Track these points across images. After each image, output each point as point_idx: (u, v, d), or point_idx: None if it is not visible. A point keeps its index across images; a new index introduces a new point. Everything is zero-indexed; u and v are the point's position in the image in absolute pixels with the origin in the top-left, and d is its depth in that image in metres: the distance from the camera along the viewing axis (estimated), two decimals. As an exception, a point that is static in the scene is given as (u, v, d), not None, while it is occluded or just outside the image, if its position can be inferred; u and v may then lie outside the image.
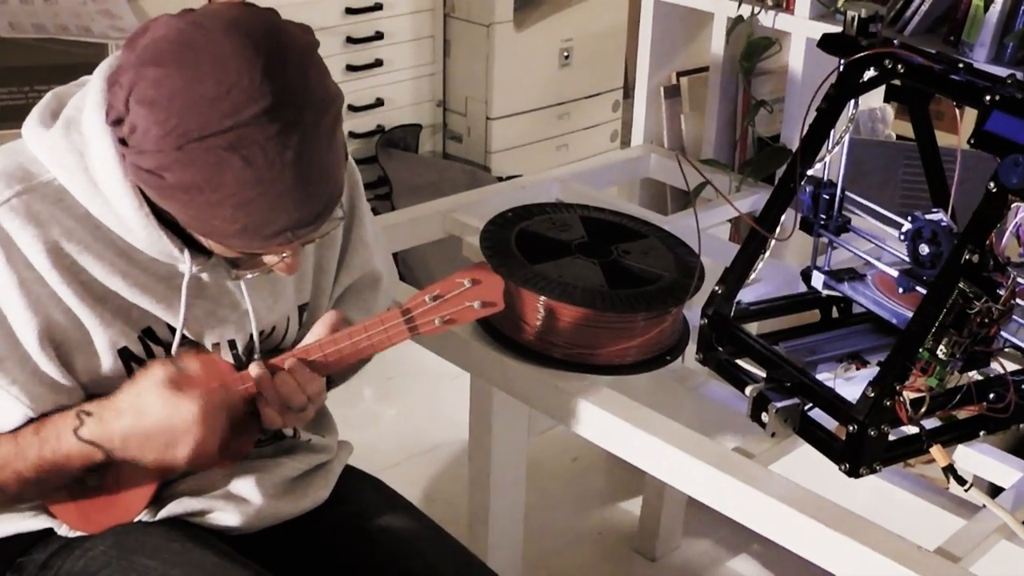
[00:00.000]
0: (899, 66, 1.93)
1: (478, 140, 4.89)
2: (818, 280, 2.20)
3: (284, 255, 1.70)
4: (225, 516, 1.87)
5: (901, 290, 2.04)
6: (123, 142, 1.57)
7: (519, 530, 2.84)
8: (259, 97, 1.51)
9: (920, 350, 1.77)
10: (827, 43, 2.09)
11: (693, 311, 2.17)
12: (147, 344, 1.77)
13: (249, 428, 1.81)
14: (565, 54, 4.96)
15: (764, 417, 1.91)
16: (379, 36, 4.60)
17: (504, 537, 2.80)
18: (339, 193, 1.66)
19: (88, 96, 1.67)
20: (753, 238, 2.08)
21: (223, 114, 1.50)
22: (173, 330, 1.77)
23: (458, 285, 1.76)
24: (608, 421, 2.00)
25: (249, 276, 1.76)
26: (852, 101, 2.05)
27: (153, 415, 1.67)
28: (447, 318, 1.77)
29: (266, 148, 1.52)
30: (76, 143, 1.67)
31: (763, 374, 2.01)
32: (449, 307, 1.76)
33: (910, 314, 1.88)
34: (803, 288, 2.28)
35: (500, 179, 4.71)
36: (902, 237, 2.04)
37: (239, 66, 1.51)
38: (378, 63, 4.62)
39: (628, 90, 5.14)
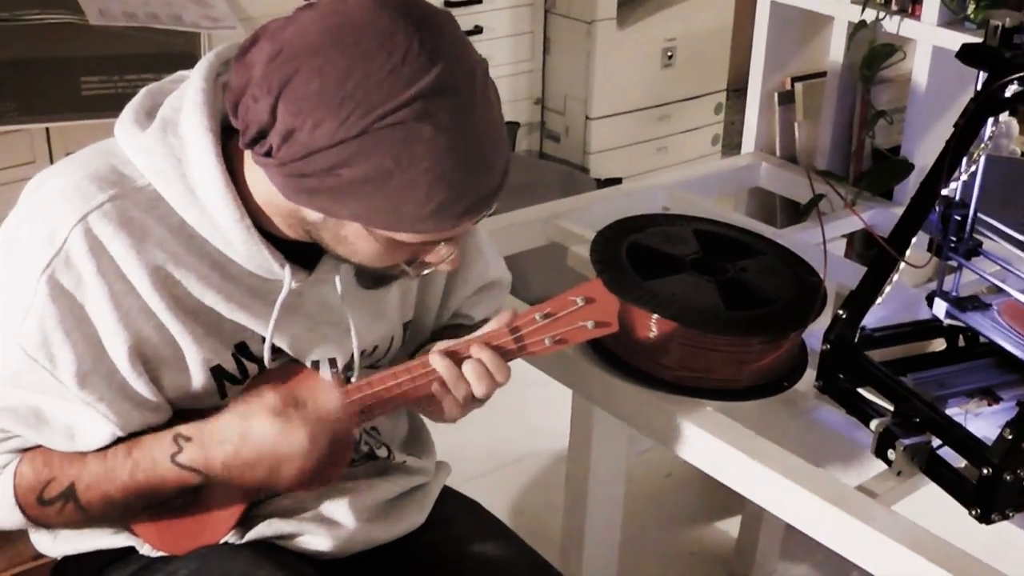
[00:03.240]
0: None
1: (576, 140, 4.81)
2: (940, 308, 2.09)
3: (450, 253, 1.60)
4: (315, 540, 1.78)
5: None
6: (268, 156, 1.47)
7: (614, 552, 2.75)
8: (433, 63, 1.41)
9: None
10: (967, 55, 1.97)
11: (812, 335, 2.06)
12: (240, 361, 1.67)
13: (342, 449, 1.72)
14: (668, 54, 4.86)
15: (890, 454, 1.80)
16: (478, 30, 4.54)
17: (598, 559, 2.72)
18: (510, 160, 1.56)
19: (187, 96, 1.58)
20: (881, 260, 1.96)
21: (405, 83, 1.40)
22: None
23: (571, 303, 1.65)
24: (721, 451, 1.89)
25: (425, 272, 1.66)
26: (992, 118, 1.93)
27: (260, 442, 1.57)
28: (558, 338, 1.66)
29: (454, 111, 1.42)
30: (174, 147, 1.56)
31: (887, 405, 1.90)
32: (560, 327, 1.66)
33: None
34: (924, 312, 2.17)
35: (598, 181, 4.64)
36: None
37: (402, 36, 1.41)
38: (477, 58, 4.51)
39: (731, 92, 5.05)
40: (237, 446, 1.58)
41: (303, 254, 1.64)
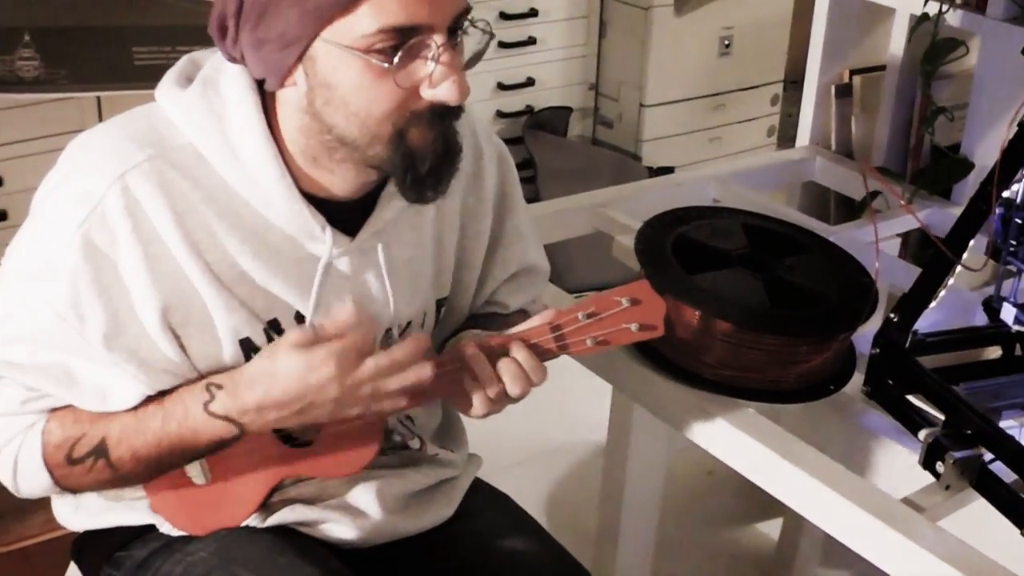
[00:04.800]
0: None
1: (630, 127, 4.74)
2: (1009, 314, 2.01)
3: (438, 49, 1.48)
4: (339, 528, 1.74)
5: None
6: (236, 38, 1.50)
7: (649, 550, 2.71)
8: None
9: None
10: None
11: (862, 337, 1.99)
12: (271, 336, 1.63)
13: (371, 436, 1.67)
14: (725, 42, 4.79)
15: (939, 467, 1.73)
16: (533, 13, 4.49)
17: (633, 556, 2.67)
18: None
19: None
20: (937, 262, 1.90)
21: None
22: (302, 320, 1.64)
23: (615, 304, 1.60)
24: (761, 455, 1.83)
25: (430, 136, 1.55)
26: (1058, 118, 1.86)
27: (287, 377, 1.52)
28: (600, 339, 1.61)
29: None
30: (214, 104, 1.55)
31: (938, 415, 1.83)
32: (604, 327, 1.60)
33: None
34: (980, 317, 2.11)
35: (650, 169, 4.60)
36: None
37: None
38: (531, 41, 4.52)
39: (788, 83, 4.97)
40: (267, 386, 1.53)
41: (345, 223, 1.62)
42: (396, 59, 1.45)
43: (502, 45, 4.41)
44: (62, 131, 1.50)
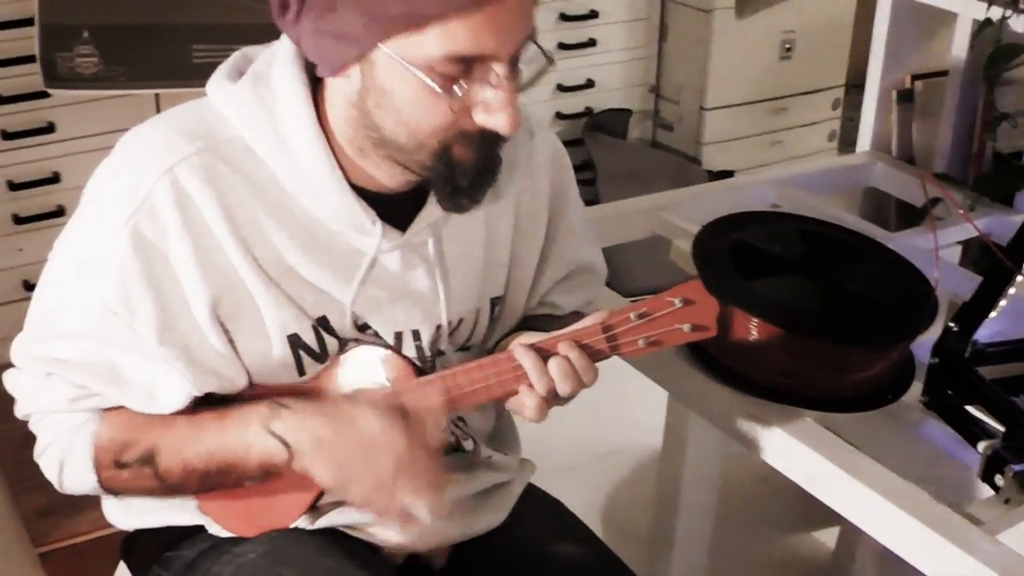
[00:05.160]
0: None
1: (689, 130, 4.73)
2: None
3: (496, 77, 1.47)
4: (388, 533, 1.73)
5: None
6: (298, 18, 1.48)
7: (703, 557, 2.68)
8: None
9: None
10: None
11: (921, 346, 1.96)
12: (320, 334, 1.62)
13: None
14: (787, 46, 4.75)
15: (998, 479, 1.70)
16: (594, 15, 4.48)
17: (687, 563, 2.65)
18: None
19: (279, 51, 1.56)
20: (998, 271, 1.87)
21: None
22: (363, 329, 1.64)
23: (668, 304, 1.58)
24: (817, 464, 1.80)
25: (474, 158, 1.54)
26: None
27: (360, 430, 1.53)
28: (653, 339, 1.59)
29: None
30: (265, 98, 1.55)
31: (998, 426, 1.80)
32: (656, 328, 1.59)
33: None
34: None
35: (710, 173, 4.57)
36: None
37: None
38: (591, 43, 4.51)
39: (850, 88, 4.94)
40: (336, 426, 1.53)
41: (396, 217, 1.61)
42: (456, 88, 1.45)
43: (562, 47, 4.40)
44: (120, 128, 1.50)
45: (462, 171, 1.53)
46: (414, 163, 1.53)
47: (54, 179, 3.41)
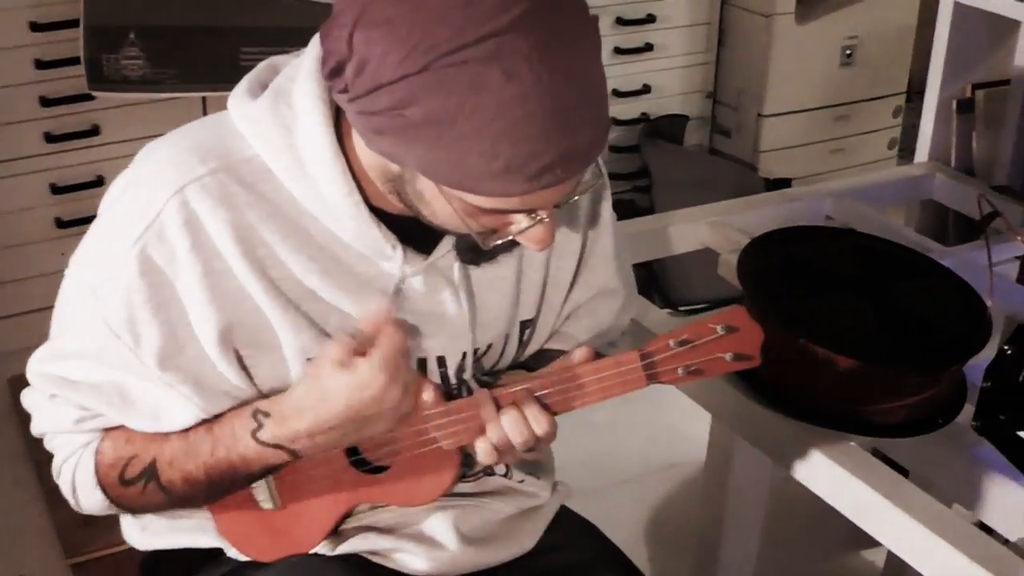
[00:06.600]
0: None
1: (748, 137, 4.66)
2: None
3: (538, 217, 1.43)
4: (413, 560, 1.68)
5: None
6: (344, 92, 1.36)
7: (750, 577, 2.62)
8: (517, 1, 1.27)
9: None
10: None
11: (974, 367, 1.89)
12: None
13: (449, 463, 1.61)
14: (848, 52, 4.68)
15: (1052, 512, 1.64)
16: (651, 19, 4.42)
17: (733, 583, 2.59)
18: (608, 124, 1.40)
19: (303, 64, 1.48)
20: (1055, 292, 1.80)
21: (477, 21, 1.26)
22: None
23: (710, 331, 1.52)
24: (864, 495, 1.75)
25: (499, 242, 1.48)
26: None
27: (336, 399, 1.45)
28: (693, 368, 1.53)
29: (531, 58, 1.27)
30: (284, 117, 1.47)
31: (1053, 455, 1.73)
32: (697, 356, 1.53)
33: None
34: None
35: (767, 180, 4.50)
36: None
37: None
38: (648, 47, 4.45)
39: (912, 95, 4.86)
40: (316, 411, 1.47)
41: (419, 239, 1.54)
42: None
43: (618, 51, 4.35)
44: (166, 131, 1.48)
45: (484, 247, 1.49)
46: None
47: (98, 183, 3.40)
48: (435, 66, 1.27)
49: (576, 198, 1.46)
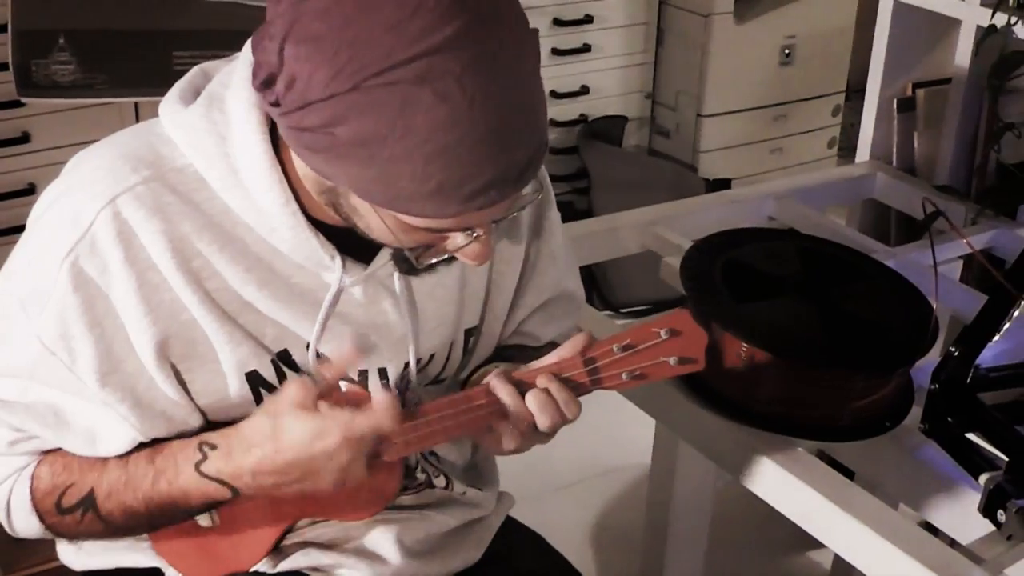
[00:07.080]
0: None
1: (687, 137, 4.66)
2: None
3: (475, 234, 1.39)
4: (355, 575, 1.63)
5: None
6: (276, 105, 1.31)
7: (696, 583, 2.60)
8: (448, 19, 1.22)
9: None
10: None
11: (921, 369, 1.87)
12: (280, 369, 1.53)
13: (391, 475, 1.57)
14: (786, 52, 4.70)
15: (1000, 515, 1.62)
16: (588, 19, 4.41)
17: (679, 589, 2.56)
18: (546, 143, 1.37)
19: (236, 70, 1.43)
20: (1000, 294, 1.78)
21: (408, 40, 1.21)
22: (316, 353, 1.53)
23: (653, 335, 1.49)
24: (811, 500, 1.73)
25: (434, 260, 1.46)
26: None
27: (291, 444, 1.41)
28: (637, 373, 1.50)
29: (463, 79, 1.23)
30: (218, 124, 1.42)
31: (1001, 455, 1.71)
32: (640, 360, 1.50)
33: None
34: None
35: (707, 181, 4.50)
36: None
37: None
38: (586, 48, 4.44)
39: (851, 94, 4.87)
40: (266, 451, 1.43)
41: (358, 249, 1.49)
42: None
43: (556, 52, 4.33)
44: (98, 137, 1.44)
45: (418, 266, 1.47)
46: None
47: (30, 191, 3.32)
48: (364, 86, 1.23)
49: (516, 214, 1.43)
